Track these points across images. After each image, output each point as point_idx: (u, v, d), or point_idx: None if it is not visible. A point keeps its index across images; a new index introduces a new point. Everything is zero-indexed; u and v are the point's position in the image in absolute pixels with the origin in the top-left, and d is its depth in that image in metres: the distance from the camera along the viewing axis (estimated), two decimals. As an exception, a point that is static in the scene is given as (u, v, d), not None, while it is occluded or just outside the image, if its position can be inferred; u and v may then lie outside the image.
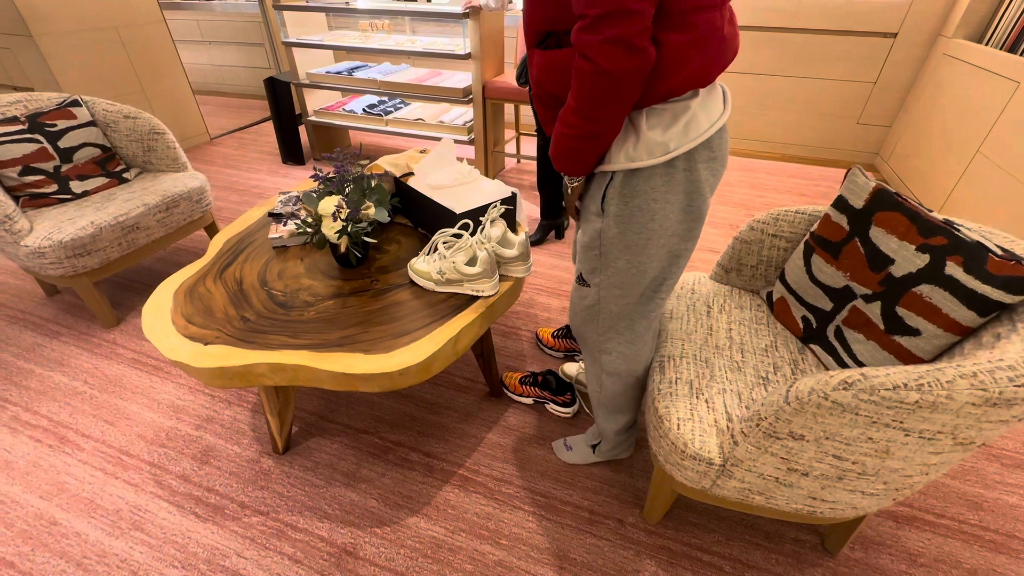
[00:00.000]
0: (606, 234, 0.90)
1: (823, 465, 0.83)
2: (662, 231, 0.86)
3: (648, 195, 0.82)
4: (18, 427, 1.43)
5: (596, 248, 0.94)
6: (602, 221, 0.89)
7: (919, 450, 0.77)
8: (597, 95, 0.71)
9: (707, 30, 0.72)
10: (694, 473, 0.95)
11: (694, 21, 0.70)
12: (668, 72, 0.72)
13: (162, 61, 3.18)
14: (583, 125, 0.76)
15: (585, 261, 0.98)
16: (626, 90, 0.70)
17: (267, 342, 1.07)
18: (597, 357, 1.09)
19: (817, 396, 0.75)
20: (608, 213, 0.87)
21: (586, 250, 0.96)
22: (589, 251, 0.95)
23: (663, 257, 0.91)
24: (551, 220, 2.35)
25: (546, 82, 0.81)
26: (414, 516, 1.21)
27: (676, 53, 0.71)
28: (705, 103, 0.78)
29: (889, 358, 0.95)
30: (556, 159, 0.85)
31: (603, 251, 0.93)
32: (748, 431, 0.85)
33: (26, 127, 1.72)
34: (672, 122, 0.77)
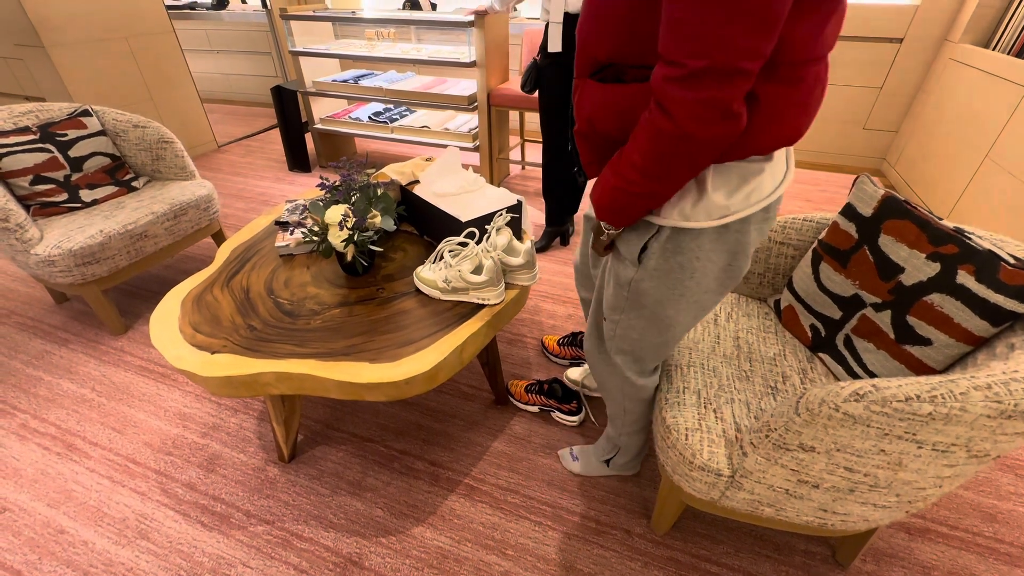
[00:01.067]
0: (638, 285, 0.86)
1: (834, 477, 0.82)
2: (698, 288, 0.81)
3: (692, 253, 0.76)
4: (27, 434, 1.43)
5: (624, 294, 0.90)
6: (636, 271, 0.84)
7: (932, 463, 0.76)
8: (671, 158, 0.62)
9: (812, 83, 0.63)
10: (703, 484, 0.94)
11: (802, 74, 0.62)
12: (760, 131, 0.64)
13: (171, 70, 3.22)
14: (645, 184, 0.67)
15: (609, 298, 0.94)
16: (707, 156, 0.62)
17: (273, 351, 1.07)
18: (611, 379, 1.08)
19: (828, 407, 0.74)
20: (646, 266, 0.82)
21: (613, 289, 0.93)
22: (616, 293, 0.92)
23: (692, 311, 0.87)
24: (556, 227, 2.35)
25: (599, 121, 0.72)
26: (419, 525, 1.20)
27: (775, 110, 0.63)
28: (774, 163, 0.70)
29: (900, 368, 0.94)
30: (602, 211, 0.77)
31: (631, 297, 0.89)
32: (757, 442, 0.84)
33: (37, 137, 1.75)
34: (740, 185, 0.70)
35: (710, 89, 0.54)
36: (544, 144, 2.20)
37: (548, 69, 2.03)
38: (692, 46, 0.54)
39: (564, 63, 1.98)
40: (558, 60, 1.98)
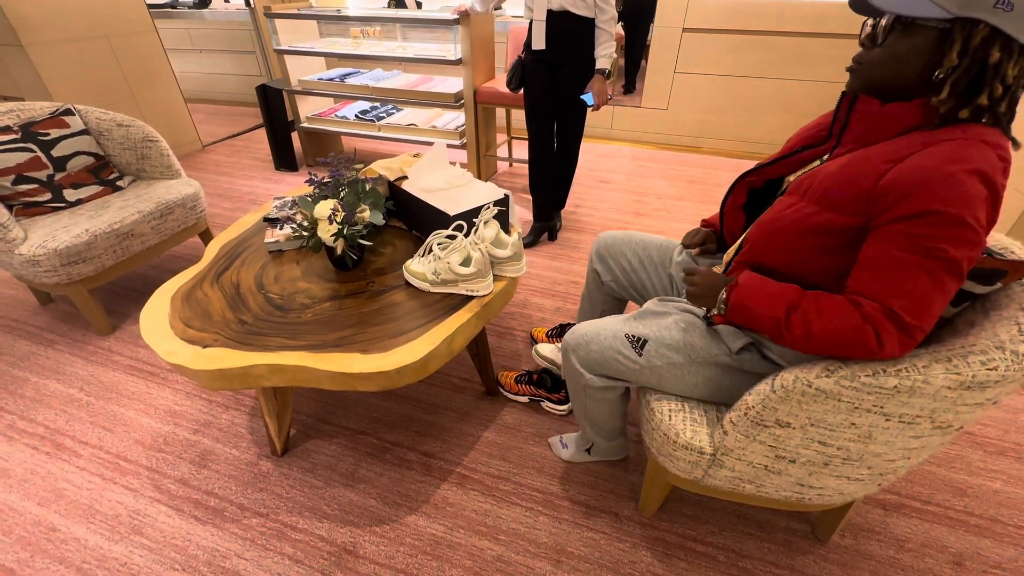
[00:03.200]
0: (710, 371, 0.96)
1: (809, 451, 0.86)
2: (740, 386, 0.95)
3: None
4: (14, 435, 1.43)
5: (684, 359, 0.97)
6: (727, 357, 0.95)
7: (900, 434, 0.80)
8: (845, 351, 0.75)
9: None
10: (686, 463, 0.98)
11: None
12: None
13: (153, 70, 3.19)
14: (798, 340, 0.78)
15: (662, 347, 0.98)
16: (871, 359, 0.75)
17: (265, 343, 1.08)
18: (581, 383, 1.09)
19: (801, 384, 0.78)
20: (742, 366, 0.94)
21: (671, 349, 0.97)
22: (673, 352, 0.97)
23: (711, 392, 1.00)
24: (544, 223, 2.38)
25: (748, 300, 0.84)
26: (413, 514, 1.22)
27: None
28: None
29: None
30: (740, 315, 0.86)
31: (689, 368, 0.97)
32: (737, 420, 0.88)
33: (19, 136, 1.73)
34: None
35: (910, 339, 0.71)
36: (530, 141, 2.22)
37: (532, 67, 2.06)
38: (906, 303, 0.70)
39: (548, 60, 2.01)
40: (542, 57, 2.01)
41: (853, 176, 0.75)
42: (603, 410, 1.14)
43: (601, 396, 1.10)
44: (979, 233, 0.67)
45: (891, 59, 0.72)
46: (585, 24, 1.90)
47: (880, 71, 0.74)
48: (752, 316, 0.83)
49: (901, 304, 0.70)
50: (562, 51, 1.96)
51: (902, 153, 0.71)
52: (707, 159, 3.42)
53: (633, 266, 1.27)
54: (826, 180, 0.79)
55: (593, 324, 1.06)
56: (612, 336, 1.02)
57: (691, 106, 3.49)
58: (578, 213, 2.68)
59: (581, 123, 2.17)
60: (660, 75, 3.44)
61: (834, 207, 0.77)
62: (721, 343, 0.96)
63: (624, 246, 1.29)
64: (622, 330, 1.02)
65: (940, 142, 0.69)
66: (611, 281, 1.31)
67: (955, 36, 0.66)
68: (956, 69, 0.68)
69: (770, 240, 0.87)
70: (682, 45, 3.29)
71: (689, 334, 0.98)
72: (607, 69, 1.97)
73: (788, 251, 0.85)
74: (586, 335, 1.05)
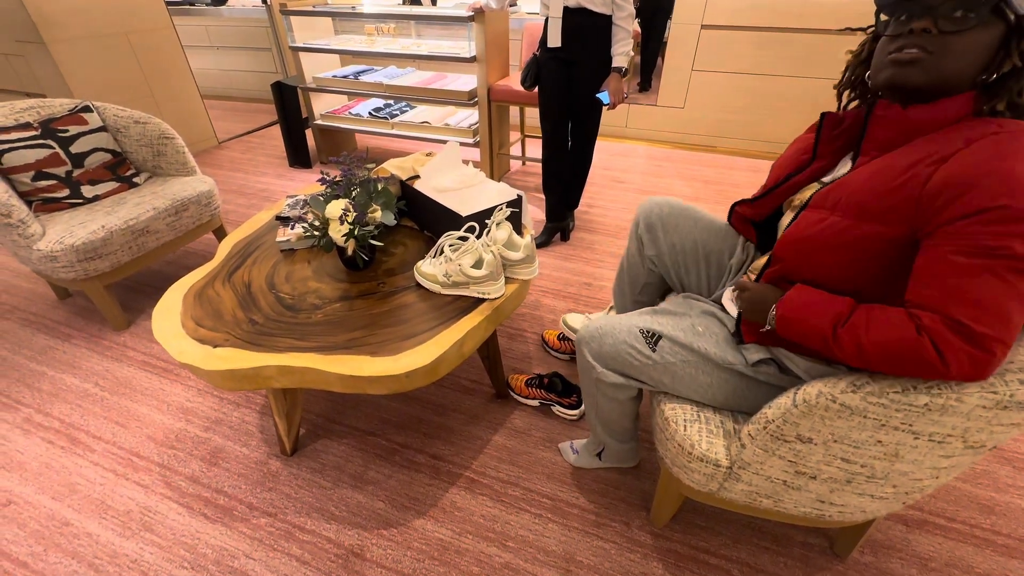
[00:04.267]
0: (725, 374, 0.93)
1: (831, 468, 0.83)
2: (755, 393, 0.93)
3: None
4: (31, 428, 1.45)
5: (697, 359, 0.95)
6: (739, 367, 0.92)
7: (929, 453, 0.76)
8: (908, 370, 0.68)
9: None
10: (701, 476, 0.95)
11: None
12: None
13: (171, 66, 3.22)
14: (846, 356, 0.73)
15: (676, 345, 0.95)
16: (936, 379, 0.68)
17: (275, 344, 1.08)
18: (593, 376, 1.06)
19: (825, 399, 0.74)
20: (758, 376, 0.91)
21: (685, 349, 0.95)
22: (687, 352, 0.95)
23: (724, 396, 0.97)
24: (557, 223, 2.35)
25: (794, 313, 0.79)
26: (421, 518, 1.21)
27: None
28: None
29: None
30: (788, 330, 0.80)
31: (703, 368, 0.95)
32: (755, 434, 0.85)
33: (39, 133, 1.75)
34: None
35: (983, 352, 0.62)
36: (544, 140, 2.20)
37: (548, 64, 2.02)
38: (971, 311, 0.63)
39: (563, 58, 1.98)
40: (557, 55, 1.98)
41: (892, 183, 0.71)
42: (614, 409, 1.11)
43: (612, 394, 1.07)
44: None
45: (969, 50, 0.67)
46: (602, 21, 1.87)
47: (954, 63, 0.67)
48: (799, 331, 0.78)
49: (965, 312, 0.63)
50: (578, 49, 1.93)
51: (946, 152, 0.67)
52: (724, 159, 3.36)
53: (685, 247, 1.16)
54: (859, 191, 0.75)
55: (608, 318, 1.05)
56: (626, 331, 1.00)
57: (709, 105, 3.42)
58: (591, 213, 2.65)
59: (596, 122, 2.14)
60: (677, 73, 3.38)
61: (875, 218, 0.73)
62: (738, 353, 0.93)
63: (682, 220, 1.16)
64: (637, 324, 1.00)
65: (984, 136, 0.65)
66: (654, 256, 1.20)
67: (1022, 34, 0.65)
68: (1016, 68, 0.66)
69: (805, 258, 0.82)
70: (700, 42, 3.22)
71: (705, 339, 0.96)
72: (624, 67, 1.93)
73: (831, 267, 0.79)
74: (601, 328, 1.04)
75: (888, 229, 0.72)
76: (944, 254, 0.65)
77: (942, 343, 0.64)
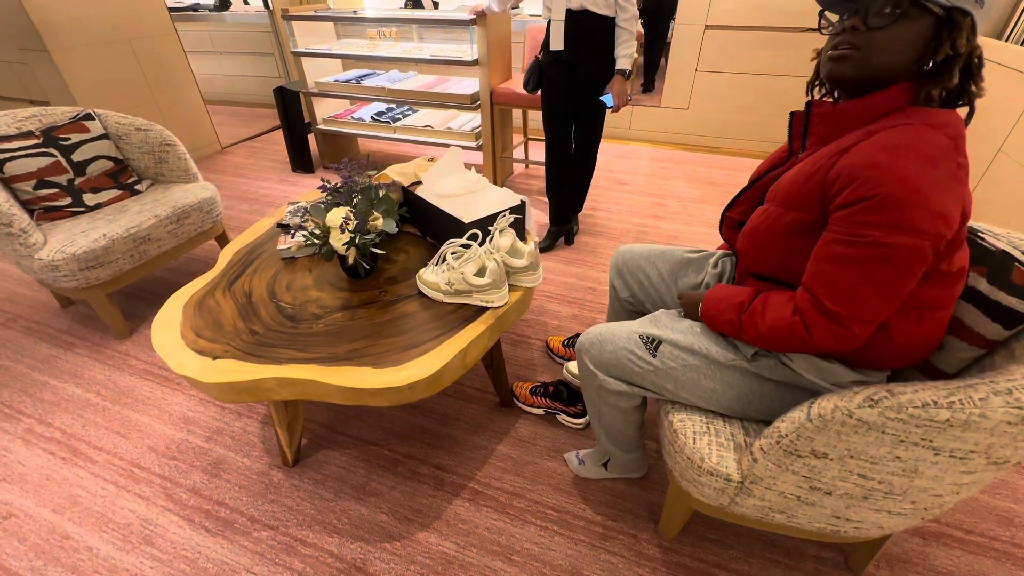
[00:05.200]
0: (729, 376, 0.91)
1: (847, 484, 0.80)
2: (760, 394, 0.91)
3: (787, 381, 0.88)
4: (32, 439, 1.44)
5: (699, 361, 0.93)
6: (740, 362, 0.90)
7: (950, 469, 0.74)
8: (789, 345, 0.80)
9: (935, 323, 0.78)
10: (711, 490, 0.92)
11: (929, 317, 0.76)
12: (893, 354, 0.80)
13: (174, 72, 3.22)
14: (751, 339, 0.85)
15: (677, 348, 0.94)
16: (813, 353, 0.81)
17: (275, 356, 1.06)
18: (595, 383, 1.06)
19: (841, 413, 0.72)
20: (761, 372, 0.89)
21: (686, 351, 0.94)
22: (688, 354, 0.93)
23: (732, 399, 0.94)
24: (560, 226, 2.33)
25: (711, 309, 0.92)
26: (424, 531, 1.19)
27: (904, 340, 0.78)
28: None
29: (911, 372, 0.91)
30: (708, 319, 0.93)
31: (706, 371, 0.93)
32: (768, 448, 0.82)
33: (40, 141, 1.75)
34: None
35: (842, 328, 0.72)
36: (547, 143, 2.18)
37: (550, 67, 2.00)
38: (828, 291, 0.72)
39: (567, 61, 1.96)
40: (560, 58, 1.96)
41: (808, 173, 0.77)
42: (618, 418, 1.10)
43: (615, 402, 1.05)
44: (927, 218, 0.64)
45: (886, 47, 0.70)
46: (605, 23, 1.85)
47: (882, 57, 0.71)
48: (717, 323, 0.90)
49: (824, 292, 0.71)
50: (581, 51, 1.91)
51: (849, 144, 0.72)
52: (729, 160, 3.33)
53: (651, 280, 1.23)
54: (788, 182, 0.81)
55: (608, 325, 1.05)
56: (626, 337, 1.00)
57: (713, 105, 3.39)
58: (595, 216, 2.62)
59: (600, 125, 2.12)
60: (681, 74, 3.36)
61: (796, 206, 0.79)
62: (736, 349, 0.92)
63: (641, 260, 1.25)
64: (637, 330, 1.00)
65: (886, 128, 0.69)
66: (629, 297, 1.28)
67: (947, 26, 0.67)
68: (948, 56, 0.68)
69: (756, 249, 0.89)
70: (704, 43, 3.19)
71: (705, 337, 0.95)
72: (628, 69, 1.91)
73: (774, 256, 0.85)
74: (600, 335, 1.03)
75: (806, 215, 0.78)
76: (827, 240, 0.72)
77: (808, 319, 0.74)
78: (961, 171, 0.67)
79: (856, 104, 0.75)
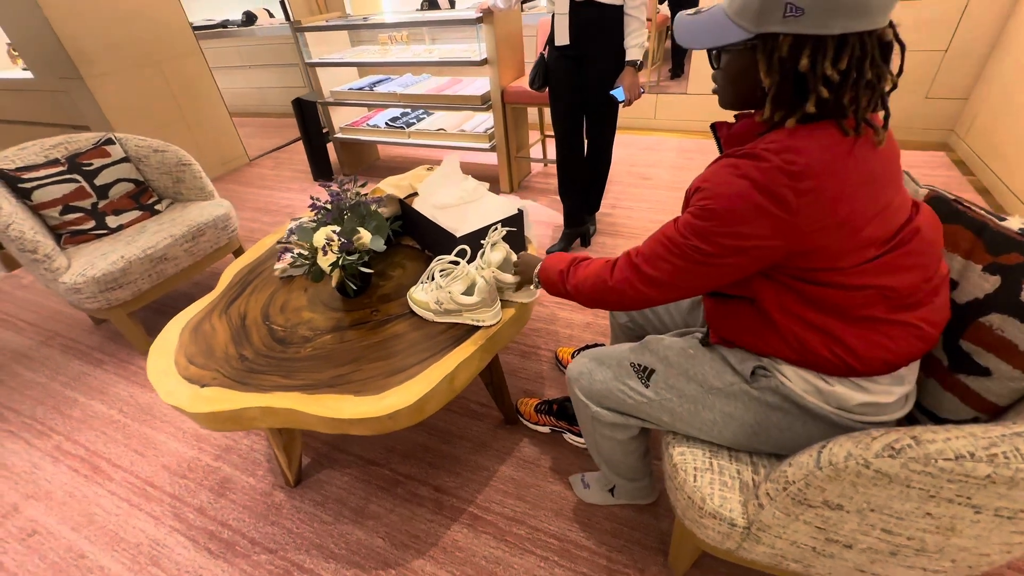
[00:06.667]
0: (728, 405, 0.83)
1: (870, 539, 0.69)
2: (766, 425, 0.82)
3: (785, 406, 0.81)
4: (59, 456, 1.50)
5: (696, 390, 0.85)
6: (739, 385, 0.81)
7: (997, 529, 0.62)
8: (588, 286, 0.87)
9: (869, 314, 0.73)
10: (715, 533, 0.83)
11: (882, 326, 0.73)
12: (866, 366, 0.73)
13: (201, 90, 3.33)
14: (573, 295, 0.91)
15: (671, 376, 0.87)
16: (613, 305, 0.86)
17: (260, 383, 1.04)
18: (588, 414, 0.99)
19: (856, 463, 0.61)
20: (764, 397, 0.80)
21: (682, 377, 0.86)
22: (684, 381, 0.86)
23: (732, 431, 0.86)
24: (575, 228, 2.23)
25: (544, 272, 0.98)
26: (420, 558, 1.15)
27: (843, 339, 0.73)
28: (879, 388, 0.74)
29: (953, 401, 0.78)
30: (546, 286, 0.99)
31: (704, 401, 0.84)
32: (774, 494, 0.72)
33: (66, 168, 1.83)
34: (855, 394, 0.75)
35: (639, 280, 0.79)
36: (557, 142, 2.09)
37: (556, 63, 1.91)
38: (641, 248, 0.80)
39: (573, 55, 1.86)
40: (567, 53, 1.86)
41: None
42: (616, 449, 1.02)
43: (611, 434, 0.98)
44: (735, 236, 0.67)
45: (731, 80, 0.73)
46: (613, 13, 1.73)
47: (727, 91, 0.75)
48: (548, 285, 0.97)
49: (641, 249, 0.79)
50: (589, 44, 1.80)
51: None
52: (763, 147, 3.10)
53: None
54: None
55: (598, 351, 0.98)
56: (617, 364, 0.93)
57: (744, 89, 3.17)
58: (614, 215, 2.51)
59: (613, 120, 2.00)
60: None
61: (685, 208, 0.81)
62: (733, 371, 0.83)
63: None
64: (628, 358, 0.93)
65: (722, 158, 0.70)
66: (627, 321, 1.21)
67: (761, 52, 0.65)
68: (774, 83, 0.65)
69: None
70: (732, 23, 2.98)
71: (698, 360, 0.86)
72: (639, 60, 1.79)
73: None
74: (589, 363, 0.97)
75: None
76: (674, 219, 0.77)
77: (618, 263, 0.83)
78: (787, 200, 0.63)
79: (728, 127, 0.79)
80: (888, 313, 0.70)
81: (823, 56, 0.61)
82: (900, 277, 0.69)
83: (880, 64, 0.63)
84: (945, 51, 2.65)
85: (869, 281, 0.68)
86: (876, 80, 0.63)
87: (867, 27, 0.60)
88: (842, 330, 0.70)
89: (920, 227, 0.70)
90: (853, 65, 0.61)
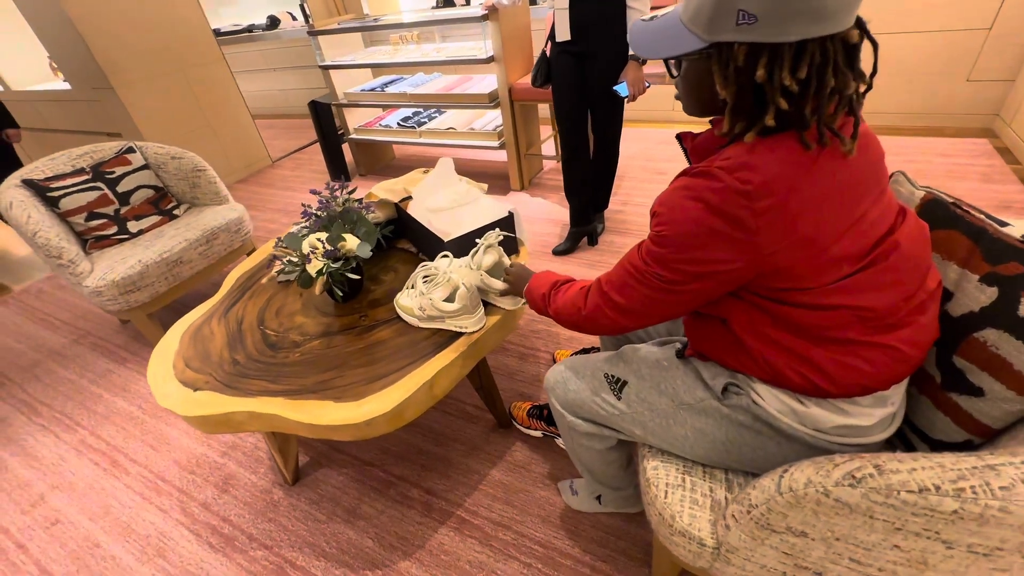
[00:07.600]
0: (700, 421, 0.80)
1: (840, 567, 0.65)
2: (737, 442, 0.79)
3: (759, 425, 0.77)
4: (83, 450, 1.60)
5: (667, 404, 0.82)
6: (710, 401, 0.78)
7: (973, 565, 0.57)
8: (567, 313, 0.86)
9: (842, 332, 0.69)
10: (686, 551, 0.81)
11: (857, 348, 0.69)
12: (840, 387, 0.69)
13: (224, 95, 3.45)
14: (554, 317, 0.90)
15: (644, 390, 0.85)
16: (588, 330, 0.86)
17: (248, 388, 1.08)
18: (565, 423, 0.98)
19: (815, 490, 0.58)
20: (735, 415, 0.76)
21: (654, 390, 0.84)
22: (656, 395, 0.84)
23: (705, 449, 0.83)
24: (582, 227, 2.20)
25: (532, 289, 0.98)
26: (406, 560, 1.17)
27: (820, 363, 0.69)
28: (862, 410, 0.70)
29: (945, 421, 0.73)
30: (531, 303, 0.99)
31: (675, 417, 0.81)
32: (739, 516, 0.69)
33: (90, 177, 1.93)
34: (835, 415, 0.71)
35: (609, 308, 0.77)
36: (560, 141, 2.06)
37: (558, 60, 1.88)
38: (609, 277, 0.78)
39: (575, 52, 1.82)
40: (568, 49, 1.82)
41: None
42: (595, 459, 1.01)
43: (588, 444, 0.97)
44: (695, 262, 0.65)
45: (690, 87, 0.70)
46: (614, 5, 1.69)
47: (688, 99, 0.72)
48: (533, 303, 0.97)
49: (609, 277, 0.78)
50: (590, 39, 1.76)
51: None
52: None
53: None
54: None
55: (574, 360, 0.97)
56: (591, 375, 0.92)
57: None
58: (624, 212, 2.45)
59: (618, 117, 1.96)
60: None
61: None
62: (705, 386, 0.80)
63: None
64: (602, 369, 0.91)
65: (679, 177, 0.67)
66: None
67: (716, 62, 0.61)
68: (731, 94, 0.61)
69: None
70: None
71: (671, 373, 0.84)
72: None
73: None
74: (565, 372, 0.96)
75: None
76: (638, 244, 0.75)
77: (590, 292, 0.81)
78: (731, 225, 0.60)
79: (693, 138, 0.76)
80: (865, 335, 0.65)
81: (780, 66, 0.57)
82: (877, 296, 0.64)
83: (844, 70, 0.58)
84: (989, 29, 2.45)
85: (842, 301, 0.64)
86: (841, 87, 0.58)
87: (828, 31, 0.56)
88: (813, 353, 0.66)
89: (900, 241, 0.65)
90: (813, 73, 0.57)
